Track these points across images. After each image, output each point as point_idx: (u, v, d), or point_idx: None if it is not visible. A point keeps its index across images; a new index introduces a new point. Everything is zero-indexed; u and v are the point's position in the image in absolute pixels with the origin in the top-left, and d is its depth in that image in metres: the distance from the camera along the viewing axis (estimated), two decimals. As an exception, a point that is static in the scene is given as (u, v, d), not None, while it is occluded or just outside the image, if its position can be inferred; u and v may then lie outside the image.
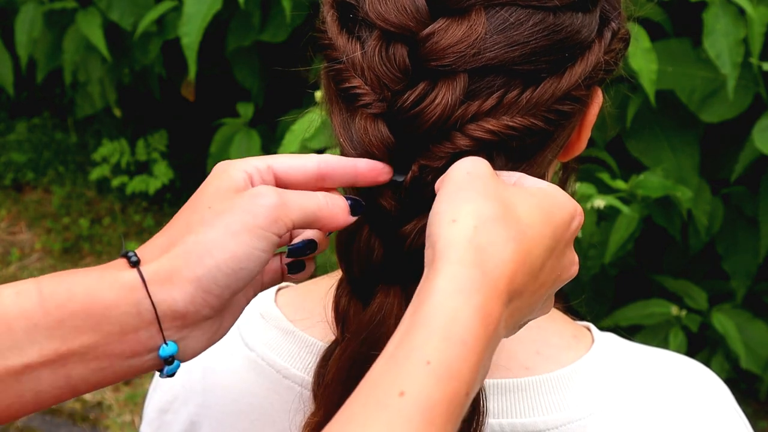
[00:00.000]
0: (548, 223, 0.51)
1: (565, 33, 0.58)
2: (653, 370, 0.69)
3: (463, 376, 0.43)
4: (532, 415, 0.65)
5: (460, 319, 0.43)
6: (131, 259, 0.49)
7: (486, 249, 0.46)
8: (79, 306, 0.47)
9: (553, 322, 0.70)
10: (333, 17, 0.62)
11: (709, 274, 2.64)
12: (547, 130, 0.59)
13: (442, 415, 0.42)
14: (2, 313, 0.47)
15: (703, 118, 2.27)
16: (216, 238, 0.49)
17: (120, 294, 0.48)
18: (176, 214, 0.53)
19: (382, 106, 0.57)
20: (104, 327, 0.48)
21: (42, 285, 0.48)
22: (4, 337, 0.47)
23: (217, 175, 0.53)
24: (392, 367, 0.43)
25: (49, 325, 0.47)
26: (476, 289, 0.45)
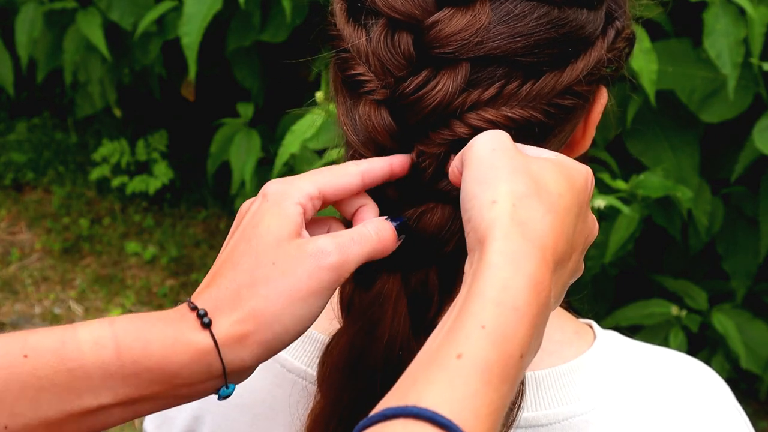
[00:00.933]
0: (572, 189, 0.53)
1: (569, 27, 0.59)
2: (655, 366, 0.70)
3: (517, 339, 0.45)
4: (535, 410, 0.65)
5: (512, 287, 0.46)
6: (203, 319, 0.53)
7: (527, 223, 0.49)
8: (154, 364, 0.51)
9: (555, 319, 0.70)
10: (341, 8, 0.63)
11: (709, 274, 2.64)
12: (546, 123, 0.59)
13: (498, 375, 0.44)
14: (81, 361, 0.50)
15: (704, 118, 2.27)
16: (284, 306, 0.53)
17: (193, 357, 0.52)
18: (231, 252, 0.55)
19: (385, 93, 0.58)
20: (176, 381, 0.52)
21: (118, 336, 0.52)
22: (82, 382, 0.50)
23: (272, 212, 0.55)
24: (450, 333, 0.45)
25: (124, 375, 0.51)
26: (525, 258, 0.47)
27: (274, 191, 0.56)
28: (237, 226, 0.58)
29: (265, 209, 0.55)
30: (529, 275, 0.47)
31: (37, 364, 0.50)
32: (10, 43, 3.32)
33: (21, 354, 0.50)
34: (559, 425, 0.65)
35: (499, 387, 0.44)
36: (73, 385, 0.50)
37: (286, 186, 0.56)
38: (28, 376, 0.50)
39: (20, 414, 0.49)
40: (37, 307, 3.36)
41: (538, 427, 0.65)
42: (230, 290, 0.54)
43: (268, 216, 0.55)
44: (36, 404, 0.50)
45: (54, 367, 0.50)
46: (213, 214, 3.86)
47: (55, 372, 0.50)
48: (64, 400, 0.50)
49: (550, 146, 0.62)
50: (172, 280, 3.50)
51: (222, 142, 2.95)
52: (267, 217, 0.55)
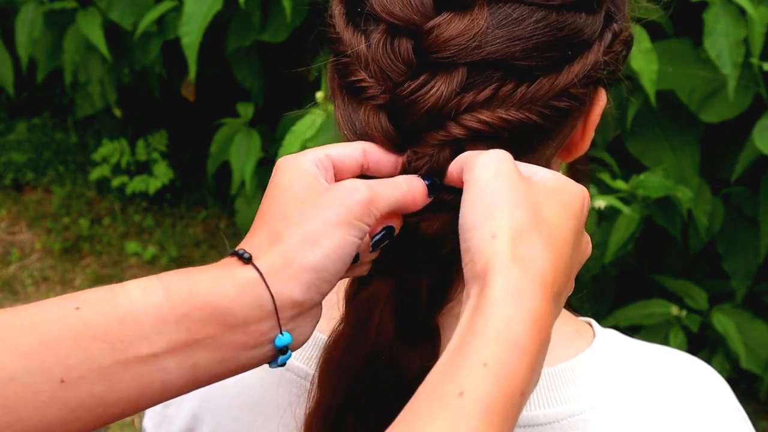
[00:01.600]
0: (569, 218, 0.53)
1: (567, 31, 0.59)
2: (654, 365, 0.70)
3: (519, 377, 0.45)
4: (534, 408, 0.65)
5: (515, 324, 0.46)
6: (243, 256, 0.52)
7: (526, 259, 0.49)
8: (203, 301, 0.51)
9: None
10: (340, 11, 0.63)
11: (709, 274, 2.64)
12: (543, 125, 0.59)
13: (501, 413, 0.44)
14: (131, 308, 0.50)
15: (704, 118, 2.27)
16: (321, 229, 0.52)
17: (241, 290, 0.51)
18: (262, 210, 0.56)
19: (385, 98, 0.58)
20: (228, 320, 0.51)
21: (165, 281, 0.51)
22: (134, 329, 0.50)
23: (290, 169, 0.56)
24: (452, 370, 0.45)
25: (175, 318, 0.50)
26: (527, 295, 0.47)
27: (285, 159, 0.58)
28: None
29: (281, 172, 0.56)
30: (531, 311, 0.47)
31: (89, 314, 0.50)
32: (10, 43, 3.32)
33: (73, 306, 0.50)
34: (558, 424, 0.65)
35: (501, 425, 0.44)
36: (125, 331, 0.50)
37: (294, 155, 0.58)
38: (81, 326, 0.49)
39: (75, 366, 0.49)
40: (37, 307, 3.35)
41: (538, 426, 0.65)
42: (266, 233, 0.54)
43: (286, 174, 0.56)
44: (90, 355, 0.49)
45: (106, 316, 0.50)
46: (213, 214, 3.86)
47: (107, 320, 0.50)
48: (118, 348, 0.49)
49: (547, 149, 0.62)
50: (172, 280, 3.50)
51: (222, 142, 2.95)
52: (285, 175, 0.56)
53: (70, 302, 0.50)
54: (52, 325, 0.49)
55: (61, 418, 0.48)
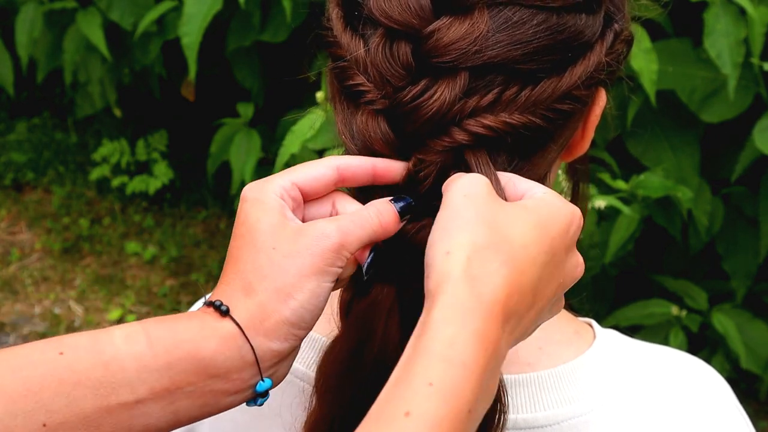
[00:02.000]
0: (543, 238, 0.52)
1: (568, 33, 0.59)
2: (655, 365, 0.70)
3: (465, 395, 0.45)
4: (535, 411, 0.65)
5: (459, 344, 0.46)
6: (221, 308, 0.54)
7: (479, 278, 0.49)
8: (186, 352, 0.52)
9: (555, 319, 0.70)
10: (338, 15, 0.62)
11: (709, 274, 2.64)
12: (546, 128, 0.59)
13: (447, 430, 0.44)
14: (115, 354, 0.51)
15: (704, 118, 2.27)
16: (294, 282, 0.54)
17: (222, 342, 0.53)
18: (232, 254, 0.56)
19: (384, 103, 0.58)
20: (210, 370, 0.53)
21: (148, 330, 0.53)
22: (118, 376, 0.51)
23: (256, 206, 0.56)
24: (398, 390, 0.46)
25: (158, 366, 0.52)
26: (472, 315, 0.47)
27: (251, 190, 0.58)
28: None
29: (248, 208, 0.57)
30: (475, 331, 0.47)
31: (73, 359, 0.50)
32: (10, 43, 3.32)
33: (57, 352, 0.51)
34: (558, 426, 0.65)
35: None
36: (108, 378, 0.51)
37: (260, 184, 0.58)
38: (64, 371, 0.50)
39: (58, 411, 0.49)
40: (37, 307, 3.36)
41: (538, 428, 0.65)
42: (239, 282, 0.55)
43: (253, 211, 0.56)
44: (73, 400, 0.50)
45: (89, 361, 0.51)
46: (213, 214, 3.86)
47: (91, 366, 0.50)
48: (101, 394, 0.50)
49: (550, 152, 0.62)
50: (172, 280, 3.50)
51: (222, 142, 2.95)
52: (252, 212, 0.56)
53: (54, 346, 0.51)
54: (36, 369, 0.50)
55: None
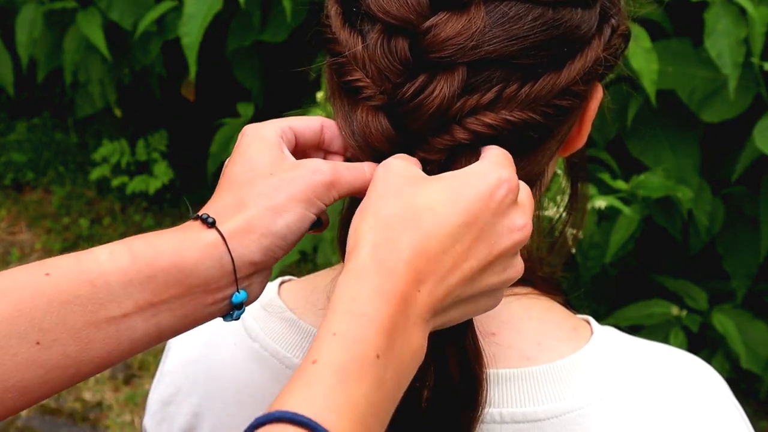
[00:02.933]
0: (456, 201, 0.54)
1: (564, 28, 0.59)
2: (651, 362, 0.70)
3: (369, 341, 0.48)
4: (532, 405, 0.66)
5: (359, 299, 0.50)
6: (207, 220, 0.56)
7: (380, 243, 0.52)
8: (168, 263, 0.54)
9: (553, 315, 0.71)
10: (337, 11, 0.63)
11: (710, 274, 2.64)
12: (545, 124, 0.59)
13: (355, 374, 0.47)
14: (100, 270, 0.53)
15: (704, 118, 2.27)
16: (285, 203, 0.57)
17: (204, 251, 0.55)
18: (227, 175, 0.59)
19: (383, 99, 0.58)
20: (191, 280, 0.55)
21: (131, 246, 0.55)
22: (104, 291, 0.53)
23: (257, 139, 0.60)
24: (311, 346, 0.50)
25: (141, 280, 0.54)
26: (373, 275, 0.51)
27: (251, 128, 0.61)
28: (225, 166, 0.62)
29: (248, 141, 0.60)
30: (376, 287, 0.50)
31: (60, 279, 0.53)
32: (10, 43, 3.32)
33: (43, 273, 0.53)
34: (557, 420, 0.65)
35: (357, 385, 0.47)
36: (95, 295, 0.53)
37: (260, 124, 0.61)
38: (52, 291, 0.52)
39: (49, 329, 0.52)
40: (37, 307, 3.36)
41: (536, 422, 0.66)
42: (231, 198, 0.58)
43: (253, 144, 0.60)
44: (62, 317, 0.52)
45: (76, 280, 0.53)
46: (213, 214, 3.85)
47: (78, 284, 0.53)
48: (89, 310, 0.53)
49: (548, 147, 0.63)
50: (172, 280, 3.50)
51: (222, 142, 2.95)
52: (252, 144, 0.60)
53: (39, 269, 0.53)
54: (24, 291, 0.52)
55: (39, 378, 0.52)
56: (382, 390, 0.48)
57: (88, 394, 2.92)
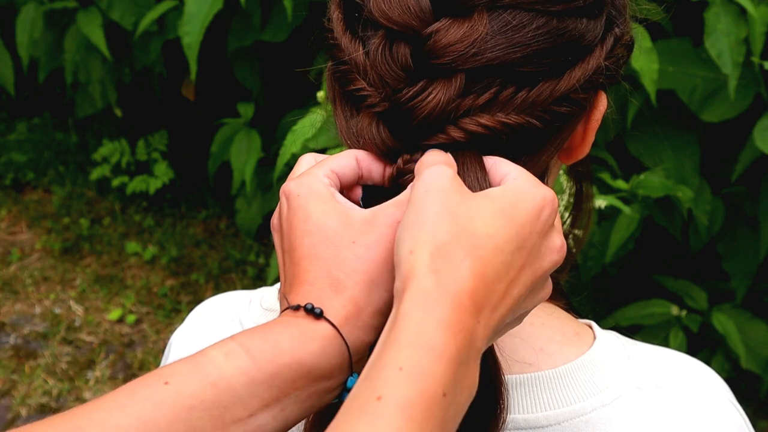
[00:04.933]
0: (509, 225, 0.52)
1: (568, 37, 0.59)
2: (654, 367, 0.70)
3: (435, 377, 0.46)
4: (535, 411, 0.66)
5: (427, 331, 0.47)
6: (314, 311, 0.54)
7: (442, 271, 0.49)
8: (290, 359, 0.52)
9: (555, 320, 0.70)
10: (338, 17, 0.62)
11: (709, 274, 2.64)
12: (543, 130, 0.59)
13: (422, 413, 0.45)
14: (221, 374, 0.51)
15: (704, 118, 2.27)
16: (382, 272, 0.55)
17: (323, 344, 0.53)
18: (307, 252, 0.56)
19: (384, 105, 0.58)
20: (315, 372, 0.53)
21: (246, 344, 0.53)
22: (228, 394, 0.51)
23: (312, 197, 0.57)
24: (370, 377, 0.47)
25: (265, 378, 0.52)
26: (437, 305, 0.48)
27: (299, 185, 0.58)
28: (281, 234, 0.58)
29: (305, 202, 0.57)
30: (442, 319, 0.48)
31: (180, 386, 0.50)
32: (10, 43, 3.32)
33: (161, 382, 0.51)
34: (559, 426, 0.65)
35: (424, 425, 0.45)
36: (220, 398, 0.51)
37: (305, 178, 0.58)
38: (175, 399, 0.50)
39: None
40: (37, 307, 3.36)
41: (539, 429, 0.65)
42: (325, 280, 0.55)
43: (314, 205, 0.56)
44: (190, 425, 0.50)
45: (196, 385, 0.51)
46: (213, 214, 3.86)
47: (199, 389, 0.51)
48: (215, 415, 0.51)
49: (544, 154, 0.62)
50: (172, 280, 3.50)
51: (222, 142, 2.95)
52: (314, 206, 0.56)
53: (156, 379, 0.51)
54: (146, 402, 0.50)
55: None
56: (444, 429, 0.46)
57: (89, 394, 2.92)
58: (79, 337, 3.21)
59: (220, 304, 0.82)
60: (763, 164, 2.25)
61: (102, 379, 3.00)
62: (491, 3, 0.57)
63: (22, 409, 2.87)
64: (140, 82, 3.50)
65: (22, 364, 3.07)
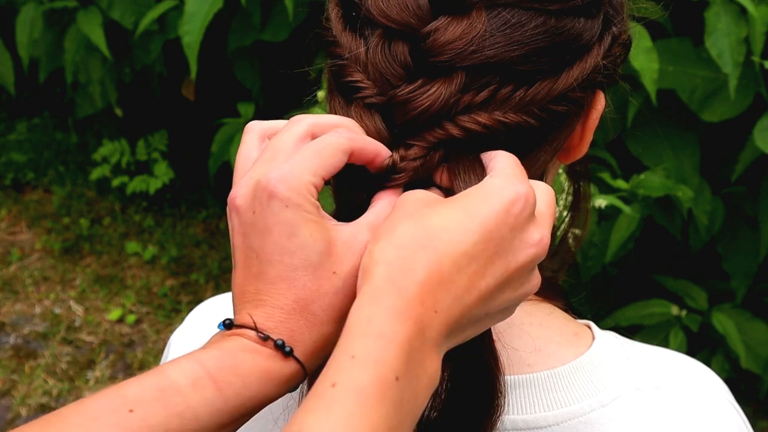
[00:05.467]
0: (470, 218, 0.53)
1: (566, 36, 0.59)
2: (653, 367, 0.70)
3: (387, 362, 0.48)
4: (533, 411, 0.66)
5: (375, 320, 0.49)
6: (284, 349, 0.55)
7: (394, 264, 0.51)
8: (255, 392, 0.54)
9: (554, 320, 0.70)
10: (337, 14, 0.62)
11: (709, 274, 2.64)
12: (540, 129, 0.59)
13: (374, 396, 0.47)
14: (187, 404, 0.52)
15: (704, 118, 2.27)
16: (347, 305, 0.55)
17: (289, 382, 0.55)
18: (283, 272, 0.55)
19: (381, 99, 0.58)
20: (273, 398, 0.55)
21: (211, 372, 0.53)
22: (193, 424, 0.52)
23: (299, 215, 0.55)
24: (327, 368, 0.49)
25: (230, 410, 0.53)
26: (386, 295, 0.50)
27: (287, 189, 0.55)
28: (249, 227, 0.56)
29: (289, 216, 0.55)
30: (390, 308, 0.49)
31: (146, 415, 0.51)
32: (11, 43, 3.32)
33: (126, 410, 0.51)
34: (558, 427, 0.65)
35: (378, 407, 0.46)
36: (186, 427, 0.52)
37: (293, 182, 0.55)
38: (140, 428, 0.51)
39: None
40: (37, 307, 3.36)
41: (538, 429, 0.65)
42: (300, 312, 0.55)
43: (299, 219, 0.55)
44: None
45: (163, 415, 0.51)
46: (213, 214, 3.86)
47: (166, 419, 0.51)
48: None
49: (542, 154, 0.62)
50: (172, 280, 3.50)
51: (223, 141, 2.95)
52: (300, 225, 0.55)
53: (119, 404, 0.51)
54: (111, 430, 0.50)
55: None
56: (400, 413, 0.48)
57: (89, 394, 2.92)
58: (79, 337, 3.21)
59: (219, 305, 0.82)
60: (763, 164, 2.25)
61: (102, 379, 3.00)
62: (489, 1, 0.57)
63: (22, 409, 2.87)
64: (140, 82, 3.50)
65: (22, 364, 3.07)
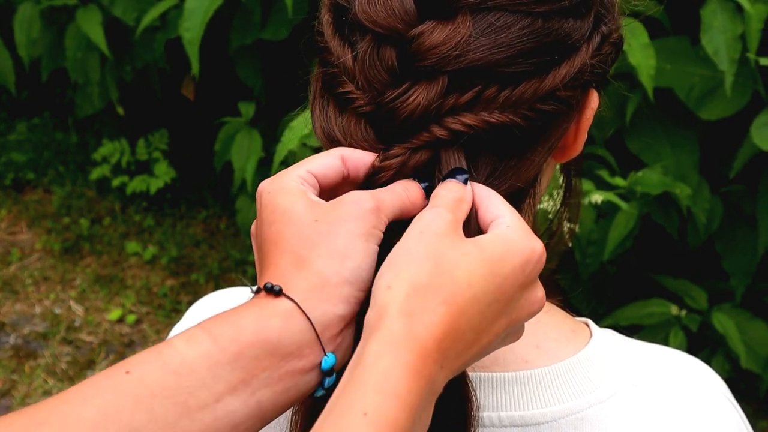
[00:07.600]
0: (492, 277, 0.52)
1: (554, 37, 0.59)
2: (651, 364, 0.70)
3: (398, 424, 0.46)
4: (531, 408, 0.66)
5: (393, 376, 0.47)
6: (273, 289, 0.53)
7: (415, 314, 0.49)
8: (252, 337, 0.51)
9: (552, 317, 0.71)
10: (328, 20, 0.63)
11: (709, 273, 2.64)
12: (528, 129, 0.59)
13: None
14: (182, 359, 0.50)
15: (702, 116, 2.27)
16: (347, 243, 0.53)
17: (285, 320, 0.52)
18: (271, 238, 0.55)
19: (371, 107, 0.58)
20: (281, 349, 0.52)
21: (208, 328, 0.52)
22: (190, 379, 0.50)
23: (283, 192, 0.56)
24: (334, 419, 0.47)
25: (228, 359, 0.50)
26: (406, 350, 0.48)
27: (270, 183, 0.57)
28: (257, 232, 0.58)
29: (274, 198, 0.56)
30: (408, 364, 0.48)
31: (142, 374, 0.50)
32: (10, 42, 3.32)
33: (123, 372, 0.50)
34: (555, 423, 0.65)
35: None
36: (183, 384, 0.50)
37: (278, 177, 0.57)
38: (136, 387, 0.49)
39: (141, 428, 0.48)
40: (38, 307, 3.36)
41: (535, 426, 0.65)
42: (287, 259, 0.54)
43: (281, 198, 0.56)
44: (152, 413, 0.49)
45: (158, 373, 0.50)
46: (213, 214, 3.86)
47: (161, 377, 0.50)
48: (179, 402, 0.49)
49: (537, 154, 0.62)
50: (172, 280, 3.50)
51: (225, 139, 2.94)
52: (281, 199, 0.55)
53: (118, 369, 0.50)
54: (107, 393, 0.49)
55: None
56: None
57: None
58: (79, 337, 3.21)
59: (218, 300, 0.82)
60: (761, 162, 2.25)
61: (102, 378, 3.00)
62: (475, 5, 0.57)
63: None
64: (140, 81, 3.50)
65: (22, 364, 3.08)
